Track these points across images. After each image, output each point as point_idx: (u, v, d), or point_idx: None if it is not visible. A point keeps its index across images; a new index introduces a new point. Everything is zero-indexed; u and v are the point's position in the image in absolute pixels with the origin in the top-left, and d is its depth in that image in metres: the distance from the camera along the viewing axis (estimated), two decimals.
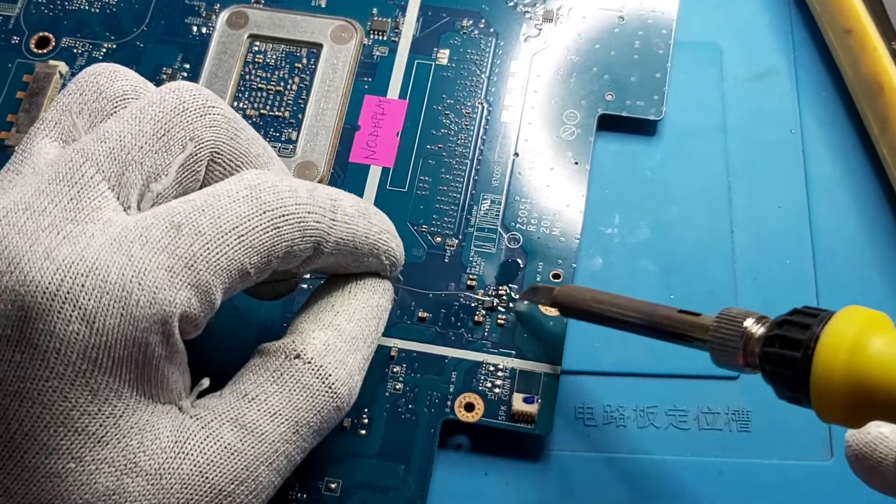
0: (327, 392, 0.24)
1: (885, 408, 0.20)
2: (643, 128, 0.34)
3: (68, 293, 0.20)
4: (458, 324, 0.30)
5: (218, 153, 0.24)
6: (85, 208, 0.22)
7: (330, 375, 0.24)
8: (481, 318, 0.30)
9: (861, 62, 0.33)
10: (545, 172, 0.33)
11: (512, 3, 0.36)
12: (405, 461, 0.29)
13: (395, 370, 0.30)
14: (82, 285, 0.20)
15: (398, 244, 0.27)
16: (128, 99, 0.24)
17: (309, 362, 0.24)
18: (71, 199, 0.22)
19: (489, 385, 0.30)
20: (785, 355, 0.21)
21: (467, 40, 0.35)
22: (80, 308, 0.20)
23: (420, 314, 0.31)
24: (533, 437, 0.30)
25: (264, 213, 0.23)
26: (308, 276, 0.30)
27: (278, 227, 0.23)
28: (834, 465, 0.29)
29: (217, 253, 0.22)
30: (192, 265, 0.22)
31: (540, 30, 0.35)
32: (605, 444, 0.30)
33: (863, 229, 0.33)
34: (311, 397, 0.24)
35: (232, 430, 0.23)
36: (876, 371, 0.19)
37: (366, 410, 0.29)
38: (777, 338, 0.22)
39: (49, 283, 0.20)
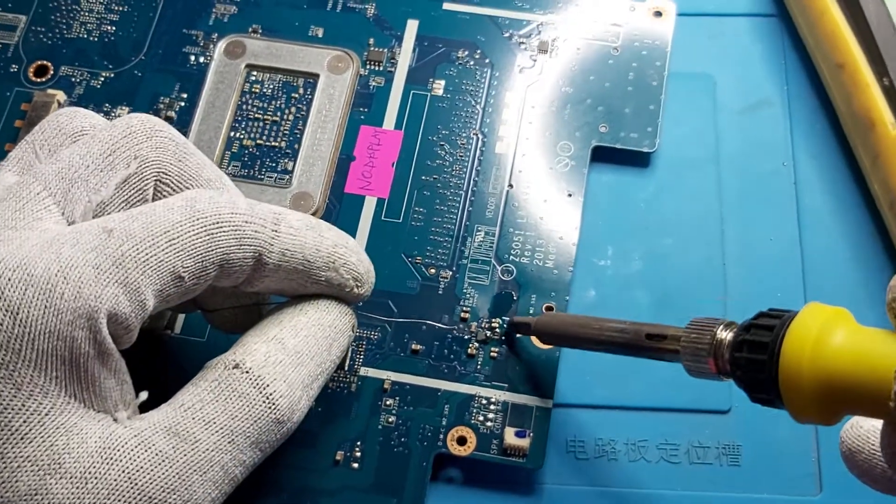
0: (265, 402, 0.24)
1: (853, 399, 0.20)
2: (637, 159, 0.34)
3: None
4: (452, 356, 0.31)
5: (164, 174, 0.25)
6: (26, 218, 0.23)
7: (268, 386, 0.24)
8: (474, 351, 0.31)
9: (853, 97, 0.33)
10: (539, 204, 0.33)
11: (507, 34, 0.36)
12: (398, 494, 0.29)
13: (388, 403, 0.30)
14: (9, 279, 0.21)
15: (360, 259, 0.27)
16: (85, 133, 0.25)
17: (247, 372, 0.24)
18: (16, 212, 0.23)
19: (481, 418, 0.30)
20: (753, 359, 0.21)
21: (463, 71, 0.35)
22: (4, 300, 0.21)
23: (413, 346, 0.31)
24: (525, 471, 0.30)
25: (198, 219, 0.23)
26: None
27: (212, 234, 0.23)
28: (822, 499, 0.29)
29: (147, 254, 0.22)
30: (121, 263, 0.22)
31: (535, 61, 0.35)
32: (597, 477, 0.30)
33: (853, 262, 0.33)
34: (248, 406, 0.24)
35: (164, 437, 0.23)
36: (840, 363, 0.20)
37: (359, 444, 0.29)
38: (744, 342, 0.22)
39: None
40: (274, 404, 0.24)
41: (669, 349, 0.25)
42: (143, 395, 0.24)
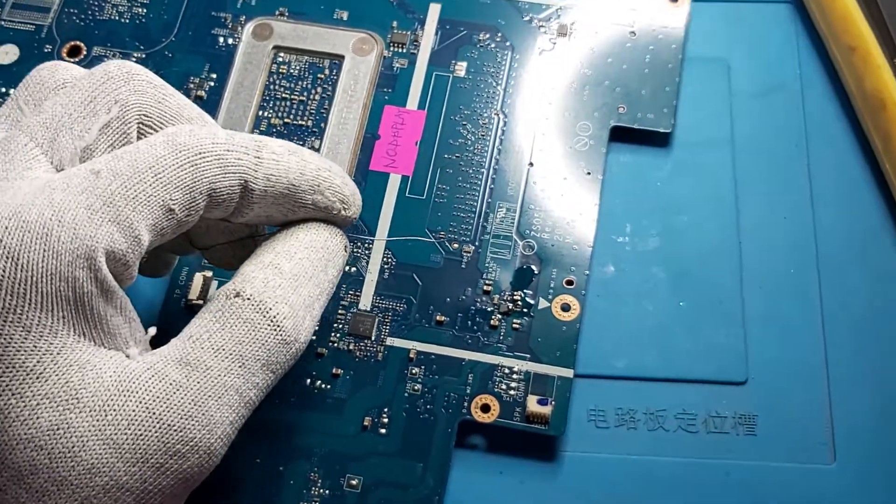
0: (269, 325, 0.24)
1: None
2: (654, 140, 0.35)
3: None
4: (475, 327, 0.32)
5: (146, 115, 0.25)
6: (16, 168, 0.23)
7: (270, 309, 0.25)
8: (497, 322, 0.32)
9: (865, 79, 0.34)
10: (559, 182, 0.34)
11: (527, 18, 0.37)
12: (423, 460, 0.30)
13: (413, 372, 0.31)
14: (6, 227, 0.22)
15: (345, 182, 0.27)
16: (67, 84, 0.26)
17: (248, 298, 0.24)
18: (5, 164, 0.23)
19: (504, 387, 0.31)
20: None
21: (484, 53, 0.36)
22: (4, 247, 0.21)
23: (438, 318, 0.32)
24: (547, 438, 0.31)
25: (180, 152, 0.24)
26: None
27: (195, 164, 0.24)
28: (837, 468, 0.30)
29: (135, 190, 0.23)
30: (111, 202, 0.23)
31: (554, 44, 0.36)
32: (617, 445, 0.31)
33: (866, 240, 0.34)
34: (254, 331, 0.24)
35: (177, 368, 0.24)
36: None
37: (386, 410, 0.30)
38: None
39: None
40: (279, 326, 0.25)
41: None
42: (152, 331, 0.25)
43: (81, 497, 0.22)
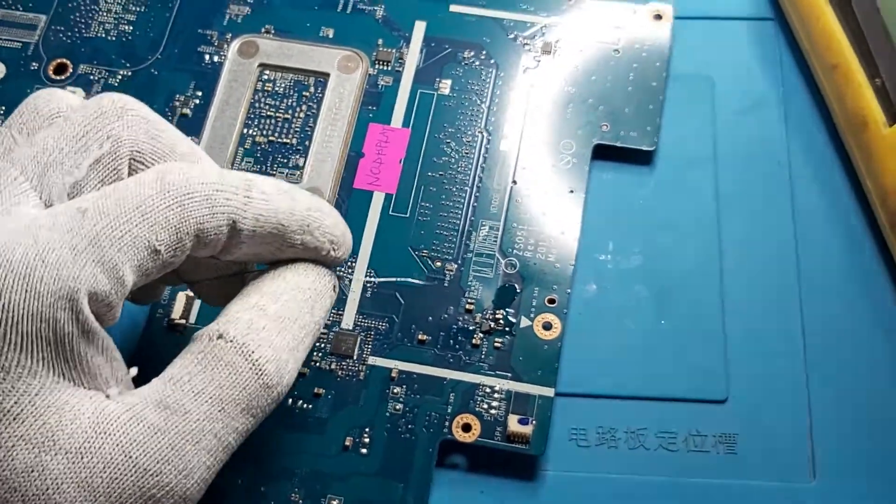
0: (251, 368, 0.24)
1: None
2: (637, 158, 0.35)
3: None
4: (457, 346, 0.32)
5: (138, 151, 0.25)
6: (4, 203, 0.23)
7: (253, 352, 0.24)
8: (479, 341, 0.32)
9: (847, 97, 0.34)
10: (542, 200, 0.34)
11: (512, 36, 0.37)
12: (404, 479, 0.30)
13: (395, 391, 0.31)
14: None
15: (335, 222, 0.27)
16: (61, 115, 0.26)
17: (231, 341, 0.24)
18: None
19: (486, 406, 0.31)
20: None
21: (469, 71, 0.36)
22: None
23: (420, 336, 0.32)
24: (527, 458, 0.31)
25: (168, 192, 0.24)
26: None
27: (184, 205, 0.24)
28: (816, 486, 0.30)
29: (121, 230, 0.23)
30: (97, 242, 0.22)
31: (538, 62, 0.37)
32: (598, 464, 0.31)
33: (847, 259, 0.34)
34: (235, 374, 0.24)
35: (155, 411, 0.23)
36: None
37: (367, 430, 0.30)
38: None
39: None
40: (261, 370, 0.24)
41: None
42: (133, 371, 0.25)
43: None
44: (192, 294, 0.32)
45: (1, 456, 0.22)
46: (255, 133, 0.35)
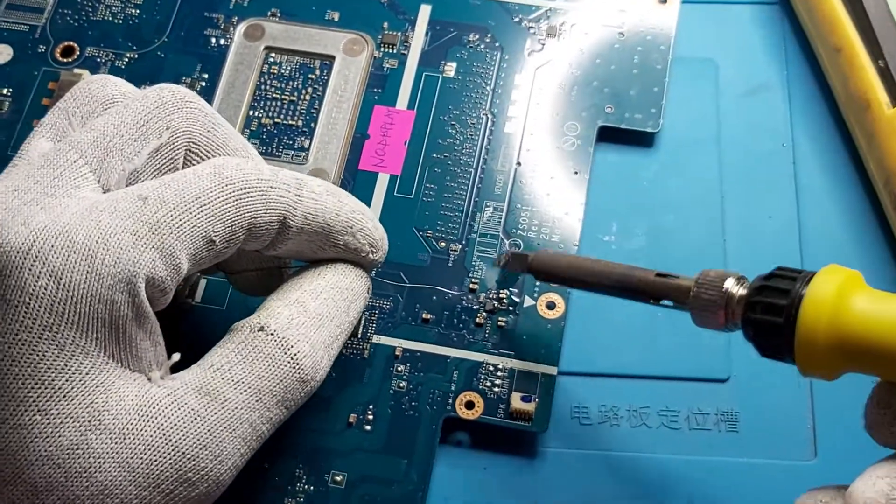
0: (289, 362, 0.25)
1: (869, 361, 0.21)
2: (641, 139, 0.36)
3: (39, 252, 0.22)
4: (461, 325, 0.32)
5: (195, 143, 0.26)
6: (65, 186, 0.24)
7: (292, 347, 0.25)
8: (482, 321, 0.32)
9: (850, 79, 0.34)
10: (546, 181, 0.34)
11: (517, 19, 0.37)
12: (408, 456, 0.30)
13: (399, 369, 0.31)
14: (52, 245, 0.22)
15: (375, 226, 0.28)
16: (116, 101, 0.26)
17: (272, 334, 0.25)
18: (54, 179, 0.24)
19: (489, 384, 0.31)
20: (768, 321, 0.22)
21: (474, 54, 0.36)
22: (48, 265, 0.22)
23: (424, 316, 0.32)
24: (530, 435, 0.31)
25: (226, 186, 0.24)
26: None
27: (240, 199, 0.25)
28: (817, 464, 0.31)
29: (180, 220, 0.24)
30: (156, 230, 0.23)
31: (543, 45, 0.37)
32: (600, 442, 0.31)
33: (850, 239, 0.34)
34: (274, 367, 0.25)
35: (196, 396, 0.24)
36: (860, 329, 0.21)
37: (371, 407, 0.31)
38: (758, 303, 0.23)
39: (22, 244, 0.22)
40: (298, 364, 0.25)
41: (677, 287, 0.26)
42: (176, 357, 0.25)
43: None
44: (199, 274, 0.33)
45: (49, 432, 0.22)
46: (261, 115, 0.36)
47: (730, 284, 0.24)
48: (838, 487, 0.23)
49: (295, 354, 0.25)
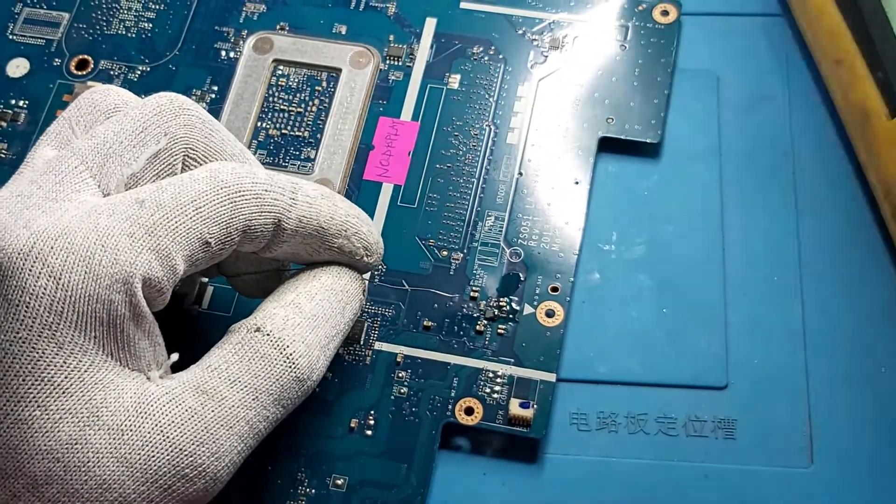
0: (285, 362, 0.26)
1: None
2: (642, 150, 0.36)
3: (39, 253, 0.23)
4: (461, 332, 0.32)
5: (192, 149, 0.27)
6: (66, 190, 0.25)
7: (287, 347, 0.26)
8: (482, 328, 0.32)
9: (850, 91, 0.35)
10: (547, 191, 0.35)
11: (521, 31, 0.38)
12: (408, 460, 0.31)
13: (400, 375, 0.32)
14: (51, 247, 0.23)
15: (370, 230, 0.28)
16: (118, 110, 0.27)
17: (268, 335, 0.26)
18: (56, 184, 0.25)
19: (488, 390, 0.31)
20: None
21: (477, 66, 0.37)
22: (48, 266, 0.23)
23: (425, 323, 0.33)
24: (529, 441, 0.31)
25: (221, 189, 0.25)
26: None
27: (235, 202, 0.25)
28: (813, 471, 0.31)
29: (175, 222, 0.24)
30: (153, 232, 0.24)
31: (546, 57, 0.37)
32: (598, 448, 0.32)
33: (850, 250, 0.34)
34: (270, 366, 0.25)
35: (193, 395, 0.25)
36: None
37: (372, 412, 0.31)
38: None
39: (23, 246, 0.23)
40: (294, 364, 0.26)
41: None
42: (174, 357, 0.26)
43: None
44: (205, 280, 0.33)
45: (48, 427, 0.23)
46: (268, 126, 0.36)
47: None
48: None
49: (291, 354, 0.26)
